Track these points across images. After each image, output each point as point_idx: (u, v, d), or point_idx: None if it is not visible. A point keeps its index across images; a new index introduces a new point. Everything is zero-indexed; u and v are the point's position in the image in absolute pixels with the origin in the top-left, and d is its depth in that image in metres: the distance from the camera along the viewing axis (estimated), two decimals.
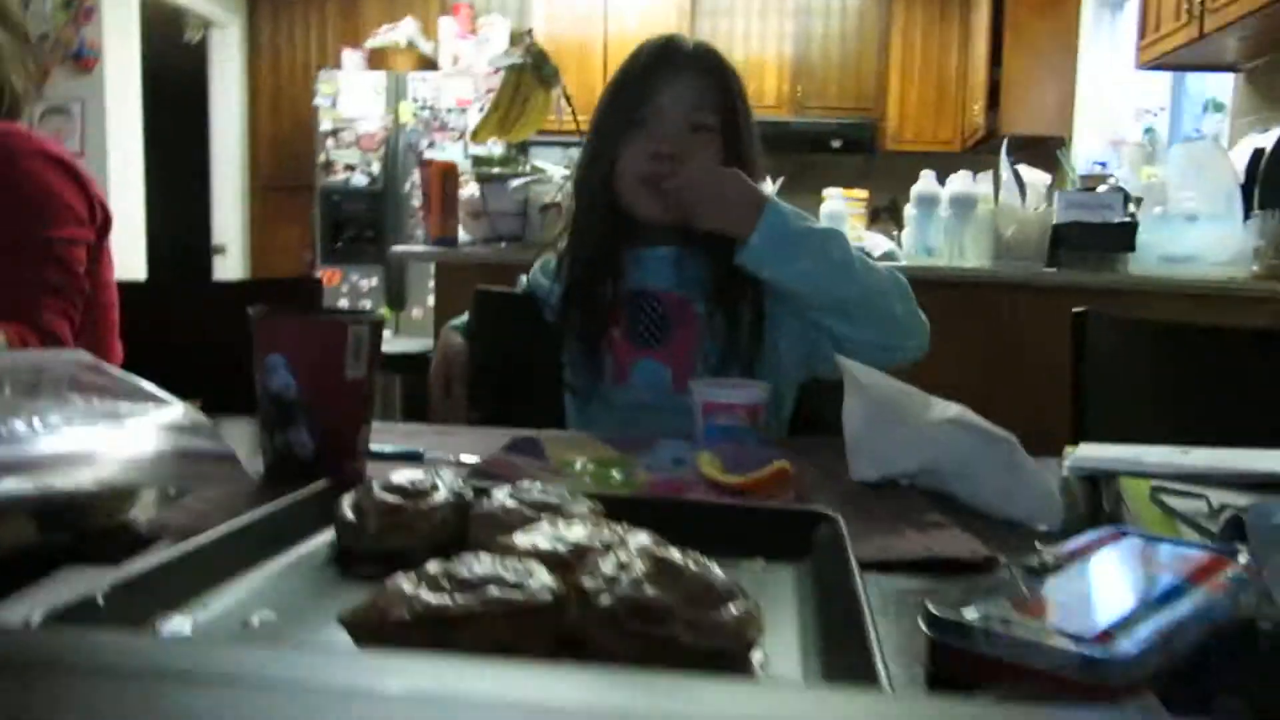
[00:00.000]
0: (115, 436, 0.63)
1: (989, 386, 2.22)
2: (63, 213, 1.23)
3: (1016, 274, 2.21)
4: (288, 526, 0.63)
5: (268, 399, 0.80)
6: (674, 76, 1.19)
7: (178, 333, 1.54)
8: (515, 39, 2.50)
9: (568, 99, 2.50)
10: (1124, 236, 2.24)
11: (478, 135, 2.58)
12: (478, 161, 2.59)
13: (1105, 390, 1.33)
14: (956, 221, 2.27)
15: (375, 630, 0.44)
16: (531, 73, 2.44)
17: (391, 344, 3.14)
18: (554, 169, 2.59)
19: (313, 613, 0.52)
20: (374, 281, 5.23)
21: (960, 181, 2.32)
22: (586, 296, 1.24)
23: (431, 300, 4.54)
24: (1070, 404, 1.35)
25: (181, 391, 0.76)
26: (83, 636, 0.40)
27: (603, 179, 1.23)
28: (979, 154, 4.69)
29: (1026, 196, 2.26)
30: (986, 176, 2.33)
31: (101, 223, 1.31)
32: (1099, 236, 2.20)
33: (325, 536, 0.64)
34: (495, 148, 3.84)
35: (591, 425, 1.21)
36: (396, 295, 5.15)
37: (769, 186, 2.64)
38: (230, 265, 5.77)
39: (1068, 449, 0.83)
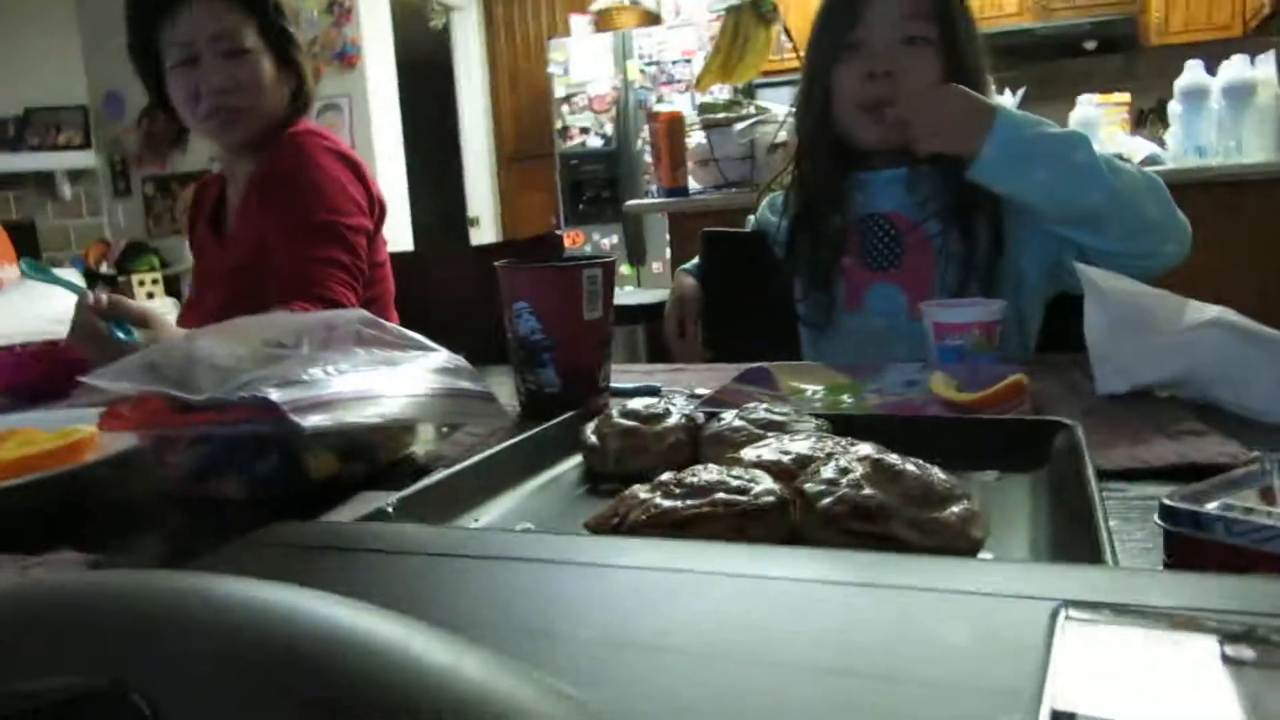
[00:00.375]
0: (393, 379, 0.72)
1: (1270, 298, 1.99)
2: (349, 203, 1.38)
3: None
4: (541, 453, 0.70)
5: (517, 343, 0.88)
6: None
7: (441, 296, 1.69)
8: None
9: (788, 34, 2.47)
10: None
11: (701, 82, 2.61)
12: (703, 109, 2.61)
13: None
14: (1232, 113, 2.02)
15: (613, 531, 0.48)
16: (750, 12, 2.43)
17: (633, 297, 3.26)
18: (778, 108, 2.56)
19: (564, 522, 0.59)
20: (614, 240, 5.42)
21: (1235, 68, 2.05)
22: (816, 225, 1.24)
23: (668, 254, 4.65)
24: None
25: (449, 347, 0.85)
26: (384, 528, 0.48)
27: (821, 108, 1.22)
28: (1265, 38, 4.11)
29: None
30: (1269, 59, 2.05)
31: (379, 215, 1.46)
32: None
33: (574, 461, 0.70)
34: (721, 93, 3.85)
35: (826, 356, 1.22)
36: (635, 251, 5.30)
37: (1009, 99, 2.48)
38: (484, 235, 6.18)
39: None
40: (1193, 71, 2.14)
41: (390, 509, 0.54)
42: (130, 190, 5.51)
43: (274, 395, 0.64)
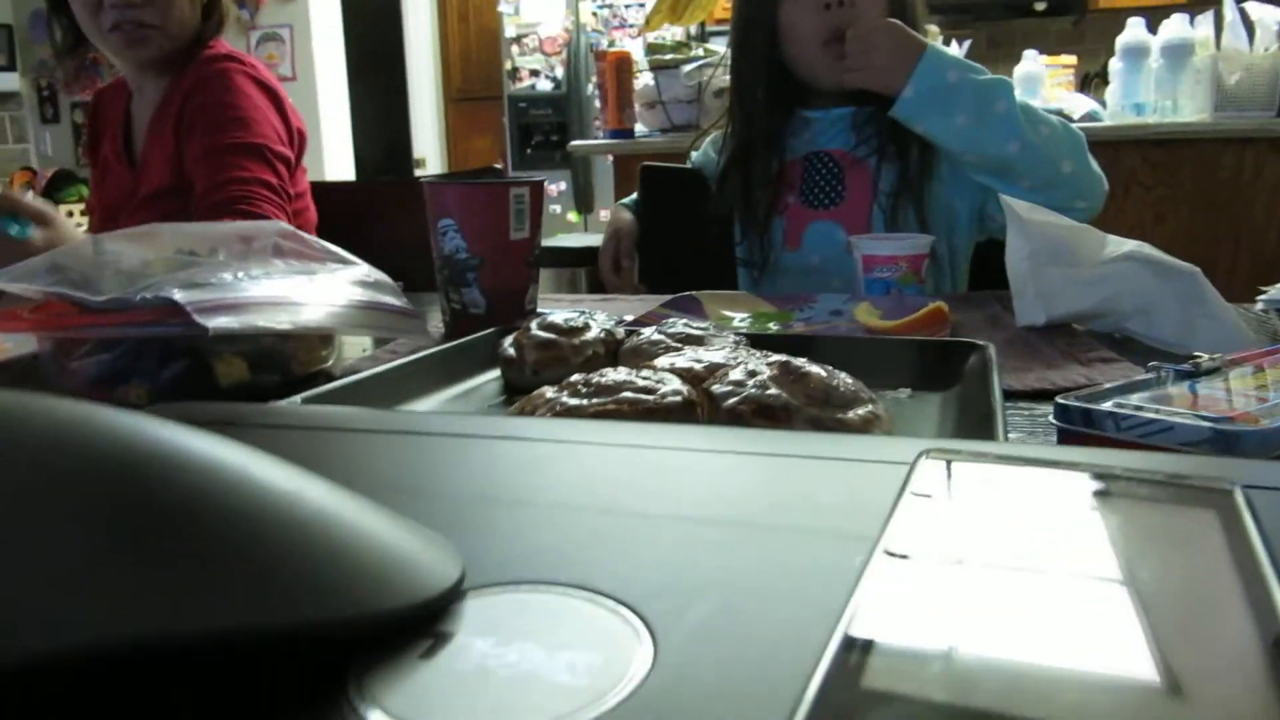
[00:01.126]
0: (310, 288, 0.71)
1: (1197, 254, 2.04)
2: (271, 130, 1.34)
3: (1240, 126, 1.98)
4: (458, 365, 0.69)
5: (442, 261, 0.86)
6: None
7: (377, 227, 1.65)
8: None
9: None
10: None
11: (650, 23, 2.57)
12: (651, 49, 2.57)
13: None
14: (1169, 73, 2.04)
15: None
16: None
17: (578, 240, 3.23)
18: (727, 51, 2.54)
19: None
20: (562, 186, 5.36)
21: (1174, 27, 2.08)
22: (753, 165, 1.23)
23: (614, 199, 4.62)
24: None
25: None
26: (279, 408, 0.46)
27: (764, 47, 1.20)
28: (1208, 4, 4.17)
29: (1255, 38, 2.01)
30: (1207, 20, 2.07)
31: (299, 145, 1.42)
32: None
33: (492, 374, 0.69)
34: (671, 36, 3.79)
35: (762, 291, 1.22)
36: (583, 197, 5.26)
37: (955, 50, 2.48)
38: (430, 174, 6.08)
39: (1262, 288, 0.76)
40: (1134, 30, 2.16)
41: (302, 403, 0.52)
42: (59, 117, 5.29)
43: (178, 296, 0.62)
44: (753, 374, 0.48)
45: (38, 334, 0.70)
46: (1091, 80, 4.47)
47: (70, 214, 4.83)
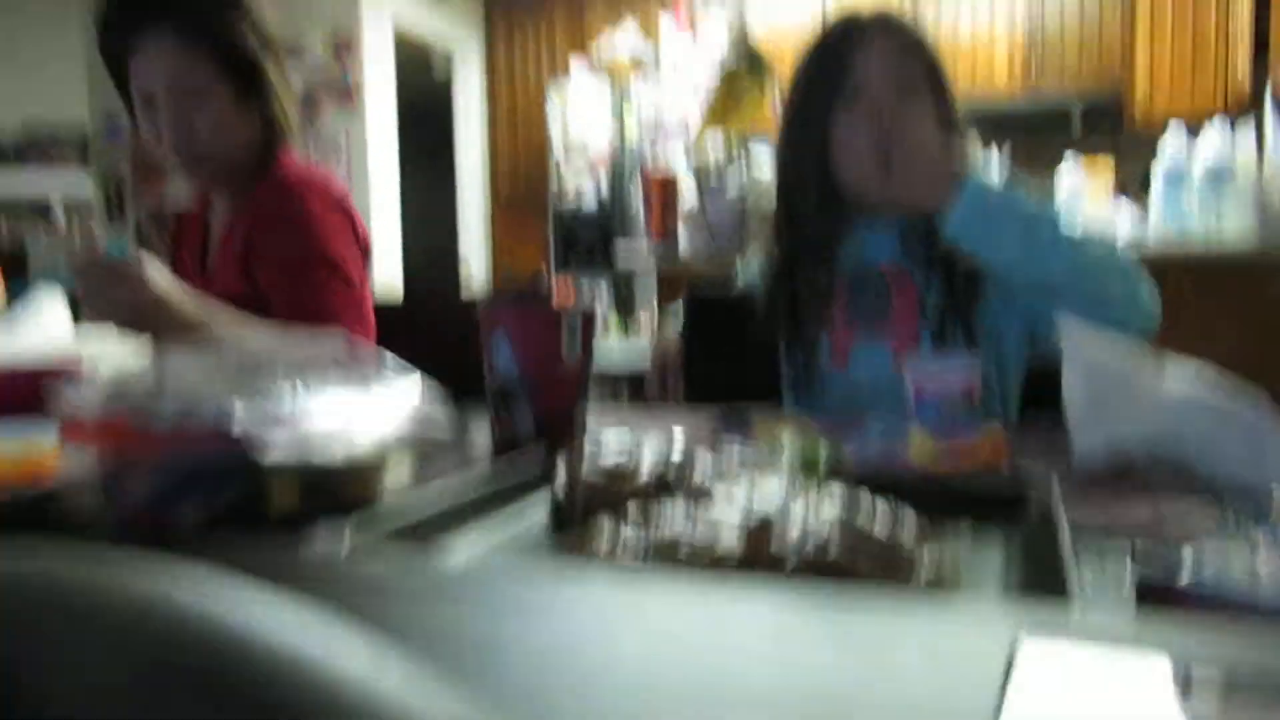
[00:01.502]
0: (363, 407, 0.71)
1: (1255, 374, 2.00)
2: (346, 248, 1.37)
3: None
4: (509, 492, 0.69)
5: (494, 380, 0.87)
6: (873, 44, 1.16)
7: (431, 342, 1.68)
8: (732, 37, 2.53)
9: (781, 96, 2.51)
10: None
11: (700, 134, 2.64)
12: (698, 172, 2.64)
13: None
14: (1212, 193, 2.05)
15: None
16: (745, 73, 2.47)
17: (618, 355, 3.26)
18: (770, 170, 2.60)
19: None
20: (603, 289, 5.43)
21: (1215, 146, 2.09)
22: (801, 279, 1.24)
23: (655, 311, 4.67)
24: None
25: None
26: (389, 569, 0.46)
27: (816, 156, 1.21)
28: (1247, 117, 4.20)
29: None
30: (1248, 135, 2.08)
31: (367, 258, 1.46)
32: None
33: (543, 498, 0.69)
34: (715, 151, 3.89)
35: (809, 414, 1.21)
36: (624, 306, 5.32)
37: (994, 162, 2.51)
38: (473, 277, 6.20)
39: None
40: (1173, 146, 2.17)
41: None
42: (125, 220, 5.51)
43: (238, 423, 0.63)
44: (813, 531, 0.47)
45: (99, 449, 0.71)
46: (1131, 191, 4.49)
47: None
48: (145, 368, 0.76)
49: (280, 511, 0.68)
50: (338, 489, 0.73)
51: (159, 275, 1.16)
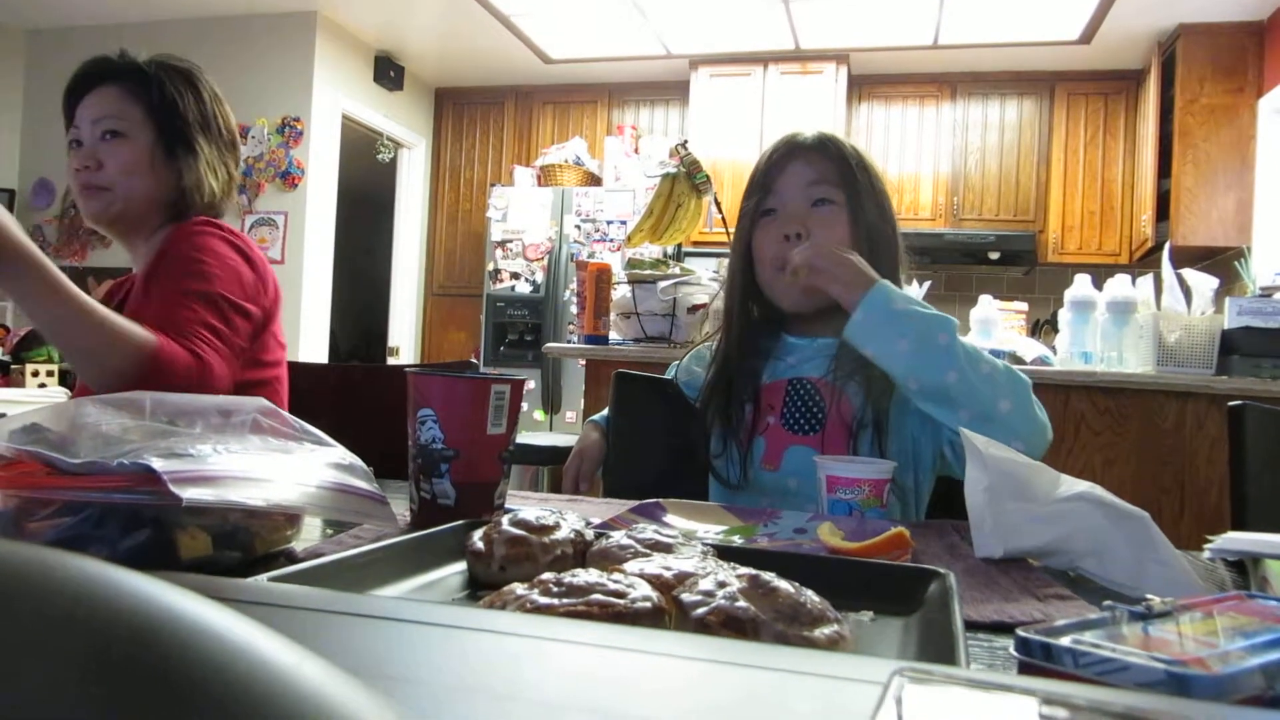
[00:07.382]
0: (283, 466, 0.71)
1: (1148, 496, 2.09)
2: (234, 284, 1.35)
3: (1181, 380, 2.10)
4: (424, 556, 0.69)
5: (417, 450, 0.87)
6: (793, 161, 1.26)
7: (353, 410, 1.67)
8: (672, 150, 2.64)
9: (718, 205, 2.60)
10: None
11: (631, 239, 2.71)
12: (631, 265, 2.71)
13: (1266, 489, 1.25)
14: (1114, 326, 2.19)
15: None
16: (684, 180, 2.56)
17: (544, 439, 3.26)
18: (703, 272, 2.68)
19: None
20: (531, 385, 5.44)
21: (1119, 286, 2.24)
22: (742, 381, 1.28)
23: (583, 403, 4.70)
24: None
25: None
26: (255, 585, 0.46)
27: (744, 270, 1.29)
28: (1147, 267, 4.50)
29: (1192, 302, 2.16)
30: (1147, 281, 2.24)
31: (273, 299, 1.45)
32: (1276, 343, 2.07)
33: (458, 567, 0.69)
34: (649, 251, 3.99)
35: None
36: (551, 397, 5.33)
37: (916, 289, 2.64)
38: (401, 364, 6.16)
39: (1208, 537, 0.79)
40: (1081, 285, 2.33)
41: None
42: None
43: (156, 464, 0.62)
44: (722, 585, 0.49)
45: (3, 490, 0.69)
46: (1041, 326, 4.75)
47: (36, 373, 4.81)
48: (60, 412, 0.75)
49: (190, 558, 0.67)
50: (250, 538, 0.72)
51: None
